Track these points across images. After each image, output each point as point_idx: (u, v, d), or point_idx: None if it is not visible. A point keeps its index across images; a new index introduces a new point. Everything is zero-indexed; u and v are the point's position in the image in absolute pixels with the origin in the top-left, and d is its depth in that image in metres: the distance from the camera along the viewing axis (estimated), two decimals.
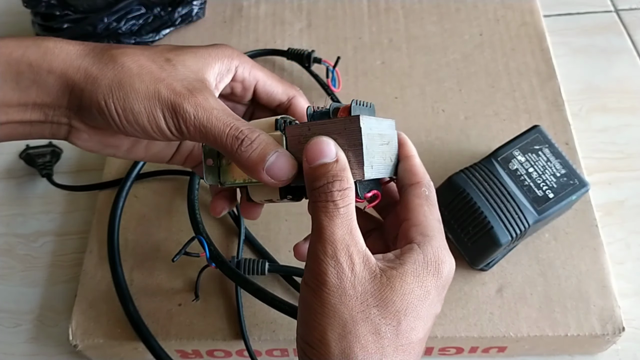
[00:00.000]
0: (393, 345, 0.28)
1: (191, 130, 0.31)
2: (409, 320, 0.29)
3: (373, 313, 0.28)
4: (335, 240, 0.29)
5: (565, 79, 0.59)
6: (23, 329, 0.53)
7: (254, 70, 0.36)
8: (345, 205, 0.29)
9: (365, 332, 0.28)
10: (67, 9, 0.62)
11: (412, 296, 0.29)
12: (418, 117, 0.57)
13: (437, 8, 0.65)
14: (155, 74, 0.31)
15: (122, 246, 0.51)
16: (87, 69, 0.31)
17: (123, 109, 0.31)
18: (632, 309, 0.50)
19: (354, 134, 0.30)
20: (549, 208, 0.45)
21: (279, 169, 0.31)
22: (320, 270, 0.29)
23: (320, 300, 0.29)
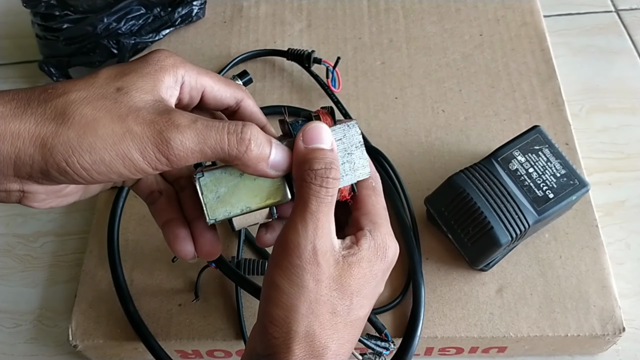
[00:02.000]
0: (344, 321, 0.31)
1: (182, 155, 0.28)
2: (359, 299, 0.31)
3: (333, 295, 0.30)
4: (317, 227, 0.30)
5: (565, 79, 0.59)
6: (23, 329, 0.53)
7: (200, 77, 0.33)
8: (333, 194, 0.31)
9: (324, 312, 0.30)
10: (66, 9, 0.62)
11: (364, 279, 0.31)
12: (418, 117, 0.57)
13: (437, 8, 0.65)
14: (115, 112, 0.27)
15: (122, 246, 0.51)
16: (31, 132, 0.26)
17: (92, 163, 0.27)
18: (632, 309, 0.50)
19: (353, 138, 0.32)
20: (549, 208, 0.45)
21: (281, 159, 0.31)
22: (298, 252, 0.30)
23: (290, 281, 0.30)
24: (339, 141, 0.32)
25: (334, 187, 0.30)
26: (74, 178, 0.28)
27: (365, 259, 0.31)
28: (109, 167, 0.28)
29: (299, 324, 0.30)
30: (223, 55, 0.63)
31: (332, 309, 0.30)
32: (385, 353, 0.43)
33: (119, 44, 0.62)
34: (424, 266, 0.48)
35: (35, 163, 0.27)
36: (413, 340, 0.44)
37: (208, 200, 0.32)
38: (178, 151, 0.28)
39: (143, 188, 0.36)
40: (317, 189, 0.30)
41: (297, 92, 0.60)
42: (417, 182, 0.53)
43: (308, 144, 0.31)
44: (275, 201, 0.32)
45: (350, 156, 0.33)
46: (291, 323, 0.30)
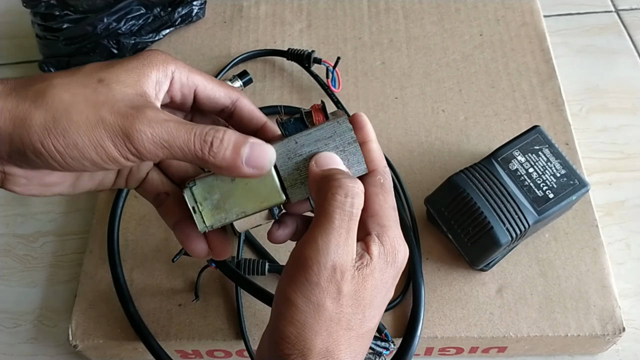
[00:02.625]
0: (357, 335, 0.30)
1: (151, 149, 0.28)
2: (371, 310, 0.30)
3: (348, 312, 0.30)
4: (340, 243, 0.29)
5: (565, 79, 0.59)
6: (23, 329, 0.53)
7: (192, 75, 0.33)
8: (358, 208, 0.30)
9: (339, 329, 0.29)
10: (66, 9, 0.62)
11: (376, 290, 0.30)
12: (418, 117, 0.57)
13: (437, 8, 0.65)
14: (92, 100, 0.28)
15: (122, 246, 0.51)
16: (11, 111, 0.27)
17: (65, 147, 0.28)
18: (632, 309, 0.50)
19: (344, 135, 0.31)
20: (549, 208, 0.45)
21: (259, 156, 0.30)
22: (317, 270, 0.29)
23: (306, 299, 0.29)
24: (330, 139, 0.31)
25: (359, 200, 0.30)
26: (49, 161, 0.28)
27: (377, 269, 0.30)
28: (82, 152, 0.28)
29: (313, 342, 0.29)
30: (223, 55, 0.63)
31: (347, 325, 0.30)
32: (385, 353, 0.43)
33: (119, 44, 0.62)
34: (424, 266, 0.48)
35: (13, 142, 0.28)
36: (413, 340, 0.44)
37: (203, 209, 0.32)
38: (147, 144, 0.28)
39: (149, 189, 0.36)
40: (342, 200, 0.29)
41: (297, 92, 0.60)
42: (417, 182, 0.53)
43: (321, 167, 0.31)
44: (270, 204, 0.32)
45: (344, 153, 0.32)
46: (305, 341, 0.29)
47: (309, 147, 0.31)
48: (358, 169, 0.32)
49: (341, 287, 0.29)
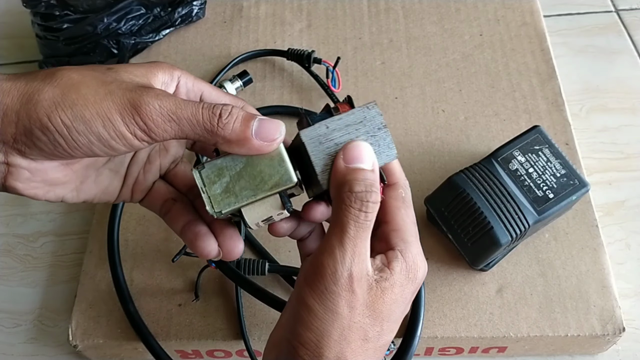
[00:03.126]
0: (374, 347, 0.30)
1: (159, 122, 0.28)
2: (389, 324, 0.31)
3: (365, 322, 0.30)
4: (355, 253, 0.29)
5: (565, 79, 0.59)
6: (23, 329, 0.53)
7: (198, 82, 0.33)
8: (372, 219, 0.30)
9: (356, 338, 0.30)
10: (66, 9, 0.62)
11: (395, 304, 0.31)
12: (418, 117, 0.57)
13: (437, 8, 0.65)
14: (101, 78, 0.28)
15: (122, 246, 0.51)
16: (20, 89, 0.27)
17: (72, 119, 0.27)
18: (632, 309, 0.50)
19: (374, 120, 0.31)
20: (549, 208, 0.45)
21: (268, 128, 0.30)
22: (335, 279, 0.29)
23: (324, 306, 0.29)
24: (360, 124, 0.31)
25: (373, 212, 0.30)
26: (55, 137, 0.28)
27: (397, 284, 0.31)
28: (89, 125, 0.28)
29: (330, 349, 0.29)
30: (223, 55, 0.63)
31: (364, 336, 0.30)
32: (386, 353, 0.43)
33: (119, 44, 0.62)
34: None
35: (19, 120, 0.27)
36: (413, 340, 0.44)
37: (212, 193, 0.31)
38: (156, 116, 0.28)
39: (156, 198, 0.36)
40: (357, 213, 0.30)
41: (297, 92, 0.60)
42: (417, 182, 0.53)
43: (349, 163, 0.30)
44: (282, 187, 0.31)
45: (374, 138, 0.31)
46: (323, 348, 0.29)
47: (340, 131, 0.31)
48: (389, 154, 0.32)
49: (357, 296, 0.29)
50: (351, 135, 0.31)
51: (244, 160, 0.31)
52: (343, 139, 0.31)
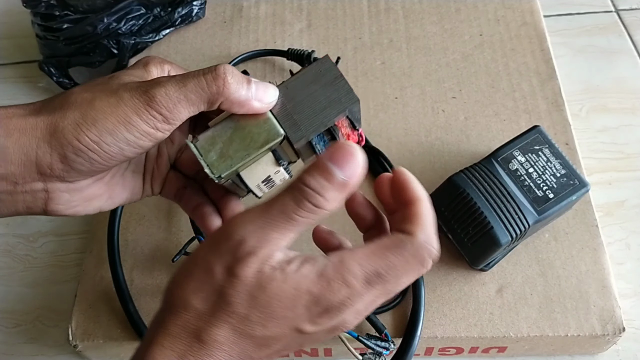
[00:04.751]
0: (235, 324, 0.28)
1: (171, 107, 0.30)
2: (260, 315, 0.28)
3: (232, 293, 0.27)
4: (263, 230, 0.27)
5: (565, 79, 0.59)
6: (23, 329, 0.53)
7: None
8: (303, 220, 0.27)
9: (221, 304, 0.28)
10: (66, 9, 0.62)
11: (278, 299, 0.28)
12: (418, 117, 0.57)
13: (437, 8, 0.65)
14: (109, 89, 0.31)
15: (122, 246, 0.51)
16: (45, 122, 0.30)
17: (99, 134, 0.30)
18: (632, 309, 0.50)
19: (330, 71, 0.33)
20: (549, 208, 0.45)
21: (265, 91, 0.32)
22: (224, 237, 0.28)
23: (205, 257, 0.28)
24: (318, 78, 0.33)
25: (309, 213, 0.27)
26: (89, 155, 0.30)
27: (294, 282, 0.27)
28: (114, 134, 0.30)
29: (189, 299, 0.28)
30: (223, 55, 0.63)
31: (228, 307, 0.27)
32: (385, 353, 0.43)
33: (119, 44, 0.62)
34: None
35: (52, 150, 0.30)
36: (413, 340, 0.44)
37: (210, 160, 0.33)
38: (165, 102, 0.30)
39: (171, 187, 0.39)
40: (292, 206, 0.27)
41: None
42: None
43: (328, 161, 0.27)
44: (272, 142, 0.33)
45: (333, 88, 0.33)
46: (183, 293, 0.28)
47: (299, 89, 0.33)
48: (349, 100, 0.33)
49: (237, 265, 0.27)
50: (310, 90, 0.33)
51: (233, 125, 0.33)
52: (303, 95, 0.33)
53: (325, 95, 0.33)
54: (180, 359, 0.28)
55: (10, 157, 0.30)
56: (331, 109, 0.33)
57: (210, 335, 0.27)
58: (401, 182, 0.30)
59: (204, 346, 0.27)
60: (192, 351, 0.28)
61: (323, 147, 0.34)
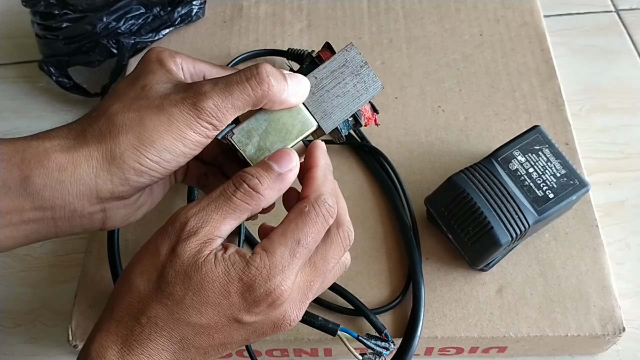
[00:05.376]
0: (172, 309, 0.29)
1: (221, 117, 0.31)
2: (193, 297, 0.29)
3: (171, 274, 0.29)
4: (204, 211, 0.29)
5: (565, 79, 0.59)
6: (23, 329, 0.53)
7: (198, 63, 0.35)
8: (242, 204, 0.30)
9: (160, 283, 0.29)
10: (66, 8, 0.62)
11: (210, 284, 0.29)
12: (418, 117, 0.57)
13: (437, 8, 0.65)
14: (152, 106, 0.31)
15: (122, 246, 0.51)
16: (99, 151, 0.30)
17: (159, 154, 0.31)
18: (633, 309, 0.50)
19: (355, 60, 0.35)
20: (549, 208, 0.45)
21: (298, 84, 0.33)
22: (171, 220, 0.30)
23: (153, 240, 0.30)
24: (344, 67, 0.35)
25: (245, 197, 0.30)
26: (151, 174, 0.31)
27: (225, 269, 0.29)
28: (172, 151, 0.31)
29: (135, 280, 0.29)
30: (223, 55, 0.63)
31: (166, 287, 0.28)
32: (385, 353, 0.43)
33: (118, 44, 0.62)
34: (424, 266, 0.48)
35: (114, 176, 0.30)
36: (413, 340, 0.44)
37: (249, 154, 0.34)
38: (215, 113, 0.31)
39: (192, 175, 0.40)
40: (231, 189, 0.30)
41: None
42: (417, 182, 0.53)
43: (268, 160, 0.32)
44: (306, 132, 0.35)
45: (359, 76, 0.35)
46: (130, 275, 0.29)
47: (328, 79, 0.35)
48: (375, 87, 0.35)
49: (178, 244, 0.28)
50: (338, 80, 0.35)
51: (267, 117, 0.34)
52: (332, 84, 0.35)
53: (352, 84, 0.35)
54: (124, 344, 0.28)
55: (67, 189, 0.30)
56: (359, 97, 0.35)
57: (150, 317, 0.28)
58: (307, 152, 0.33)
59: (144, 329, 0.28)
60: (134, 335, 0.28)
61: (347, 130, 0.36)
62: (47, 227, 0.32)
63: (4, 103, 0.68)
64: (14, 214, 0.30)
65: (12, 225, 0.31)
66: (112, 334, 0.28)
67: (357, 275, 0.48)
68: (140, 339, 0.28)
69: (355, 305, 0.46)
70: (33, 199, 0.30)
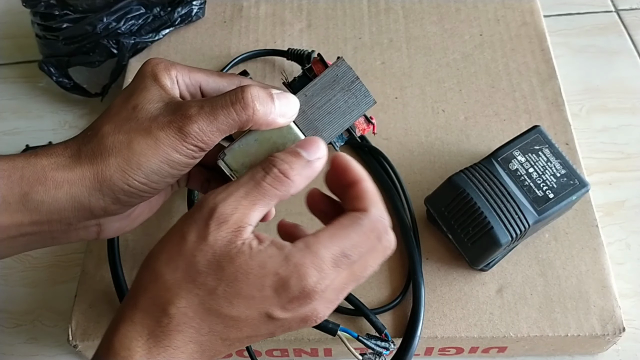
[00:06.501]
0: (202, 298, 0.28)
1: (206, 139, 0.31)
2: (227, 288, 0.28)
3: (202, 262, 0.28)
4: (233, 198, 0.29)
5: (565, 79, 0.59)
6: (23, 329, 0.53)
7: (193, 74, 0.35)
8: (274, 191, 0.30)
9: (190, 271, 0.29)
10: (66, 9, 0.62)
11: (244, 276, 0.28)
12: (418, 117, 0.57)
13: (437, 8, 0.65)
14: (141, 129, 0.31)
15: (122, 246, 0.51)
16: (91, 171, 0.31)
17: (146, 176, 0.31)
18: (632, 309, 0.50)
19: (346, 75, 0.34)
20: (549, 208, 0.45)
21: (286, 105, 0.33)
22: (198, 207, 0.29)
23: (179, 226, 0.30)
24: (335, 83, 0.34)
25: (280, 184, 0.30)
26: (140, 195, 0.32)
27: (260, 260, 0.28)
28: (159, 173, 0.32)
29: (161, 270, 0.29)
30: (223, 55, 0.63)
31: (196, 275, 0.28)
32: (385, 353, 0.43)
33: (118, 44, 0.62)
34: (424, 266, 0.48)
35: (105, 196, 0.31)
36: (413, 340, 0.44)
37: (239, 175, 0.34)
38: (200, 136, 0.31)
39: (195, 181, 0.40)
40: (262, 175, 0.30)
41: None
42: (417, 182, 0.53)
43: (296, 147, 0.32)
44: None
45: (351, 92, 0.34)
46: (156, 261, 0.29)
47: (319, 96, 0.34)
48: (367, 102, 0.34)
49: (208, 231, 0.28)
50: (329, 96, 0.34)
51: (257, 137, 0.34)
52: (322, 101, 0.34)
53: (343, 100, 0.34)
54: (150, 334, 0.28)
55: (62, 205, 0.31)
56: (350, 114, 0.34)
57: (179, 308, 0.28)
58: (342, 165, 0.32)
59: (172, 320, 0.28)
60: (160, 326, 0.28)
61: (341, 143, 0.36)
62: (44, 238, 0.33)
63: (4, 103, 0.68)
64: (13, 228, 0.31)
65: (11, 238, 0.32)
66: (138, 324, 0.28)
67: None
68: (168, 330, 0.28)
69: (355, 305, 0.46)
70: (31, 214, 0.31)
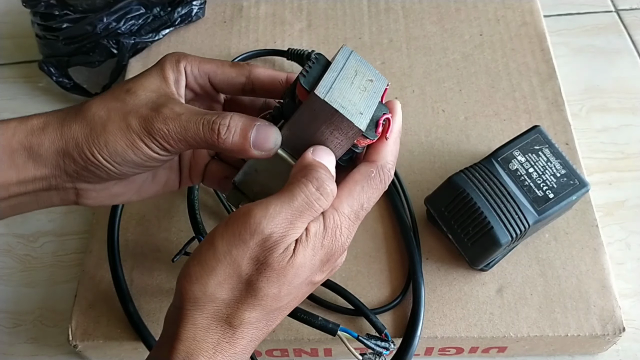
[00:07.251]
0: (264, 306, 0.31)
1: (173, 143, 0.32)
2: (288, 287, 0.31)
3: (262, 280, 0.30)
4: (288, 221, 0.30)
5: (565, 79, 0.59)
6: (23, 329, 0.53)
7: (203, 65, 0.36)
8: (319, 207, 0.31)
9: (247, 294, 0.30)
10: (66, 9, 0.62)
11: (301, 269, 0.31)
12: (418, 117, 0.57)
13: (437, 8, 0.65)
14: (121, 110, 0.32)
15: (122, 246, 0.51)
16: (68, 133, 0.33)
17: (110, 154, 0.32)
18: (632, 309, 0.50)
19: (324, 109, 0.30)
20: (549, 208, 0.45)
21: (264, 139, 0.32)
22: (252, 231, 0.29)
23: (228, 250, 0.30)
24: (314, 118, 0.31)
25: (326, 200, 0.31)
26: (105, 170, 0.33)
27: (310, 246, 0.30)
28: (123, 156, 0.32)
29: (214, 291, 0.30)
30: (223, 55, 0.63)
31: (254, 293, 0.30)
32: (385, 353, 0.43)
33: (118, 44, 0.62)
34: (424, 266, 0.48)
35: (75, 161, 0.33)
36: (413, 340, 0.44)
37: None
38: (166, 138, 0.32)
39: (213, 177, 0.40)
40: (313, 191, 0.30)
41: None
42: (417, 182, 0.53)
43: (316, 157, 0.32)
44: None
45: (334, 124, 0.31)
46: (205, 285, 0.30)
47: (302, 130, 0.32)
48: (354, 133, 0.31)
49: (267, 257, 0.29)
50: (313, 130, 0.32)
51: (253, 164, 0.35)
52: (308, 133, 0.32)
53: (329, 132, 0.32)
54: (215, 347, 0.30)
55: (44, 162, 0.33)
56: (340, 143, 0.33)
57: (243, 319, 0.30)
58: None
59: (237, 329, 0.30)
60: (225, 337, 0.30)
61: (346, 157, 0.34)
62: (29, 201, 0.35)
63: (4, 103, 0.68)
64: (2, 189, 0.33)
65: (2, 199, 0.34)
66: (201, 341, 0.30)
67: (357, 275, 0.48)
68: (233, 340, 0.30)
69: (355, 305, 0.46)
70: (18, 172, 0.33)
